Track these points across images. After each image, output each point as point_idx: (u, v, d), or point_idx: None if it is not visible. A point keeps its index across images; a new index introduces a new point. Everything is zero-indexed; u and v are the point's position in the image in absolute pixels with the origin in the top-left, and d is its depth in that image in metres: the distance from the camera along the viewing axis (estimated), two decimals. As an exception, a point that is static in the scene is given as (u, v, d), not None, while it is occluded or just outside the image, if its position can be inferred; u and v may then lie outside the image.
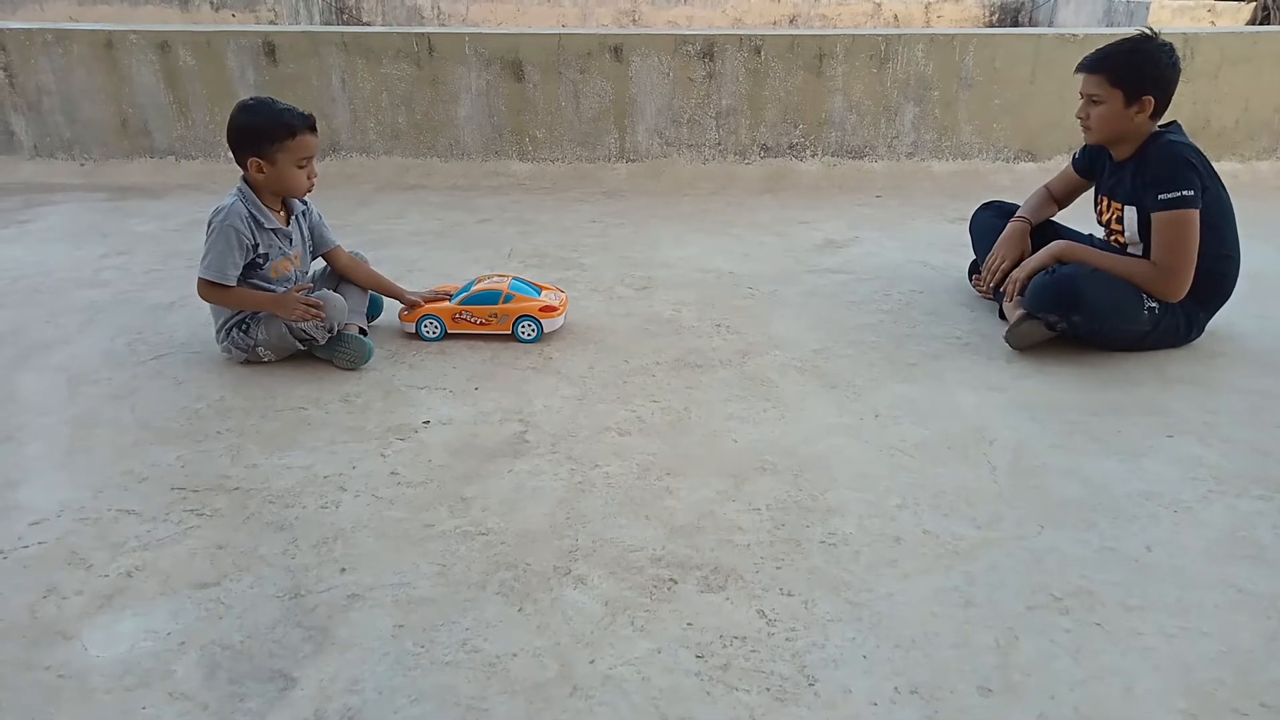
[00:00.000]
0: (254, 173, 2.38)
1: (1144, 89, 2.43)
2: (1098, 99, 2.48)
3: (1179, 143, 2.46)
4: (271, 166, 2.37)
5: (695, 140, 4.69)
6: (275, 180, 2.40)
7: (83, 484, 1.92)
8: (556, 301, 2.65)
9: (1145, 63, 2.44)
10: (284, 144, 2.35)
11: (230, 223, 2.35)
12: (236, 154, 2.39)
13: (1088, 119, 2.54)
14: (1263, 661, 1.43)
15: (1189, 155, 2.43)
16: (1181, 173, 2.41)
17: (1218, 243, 2.49)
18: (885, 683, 1.39)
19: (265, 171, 2.38)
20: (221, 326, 2.46)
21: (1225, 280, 2.56)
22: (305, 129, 2.37)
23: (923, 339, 2.66)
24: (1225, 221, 2.51)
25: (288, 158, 2.36)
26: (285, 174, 2.39)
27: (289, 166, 2.38)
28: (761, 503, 1.85)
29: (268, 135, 2.34)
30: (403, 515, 1.81)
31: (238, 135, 2.37)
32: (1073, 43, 4.49)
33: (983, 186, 4.40)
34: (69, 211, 4.11)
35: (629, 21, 9.92)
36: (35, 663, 1.44)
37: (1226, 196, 2.51)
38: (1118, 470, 1.97)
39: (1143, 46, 2.46)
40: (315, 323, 2.39)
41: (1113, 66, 2.46)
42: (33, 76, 4.61)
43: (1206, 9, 7.96)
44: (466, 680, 1.40)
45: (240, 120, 2.37)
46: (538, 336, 2.62)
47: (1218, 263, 2.51)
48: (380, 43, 4.57)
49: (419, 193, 4.45)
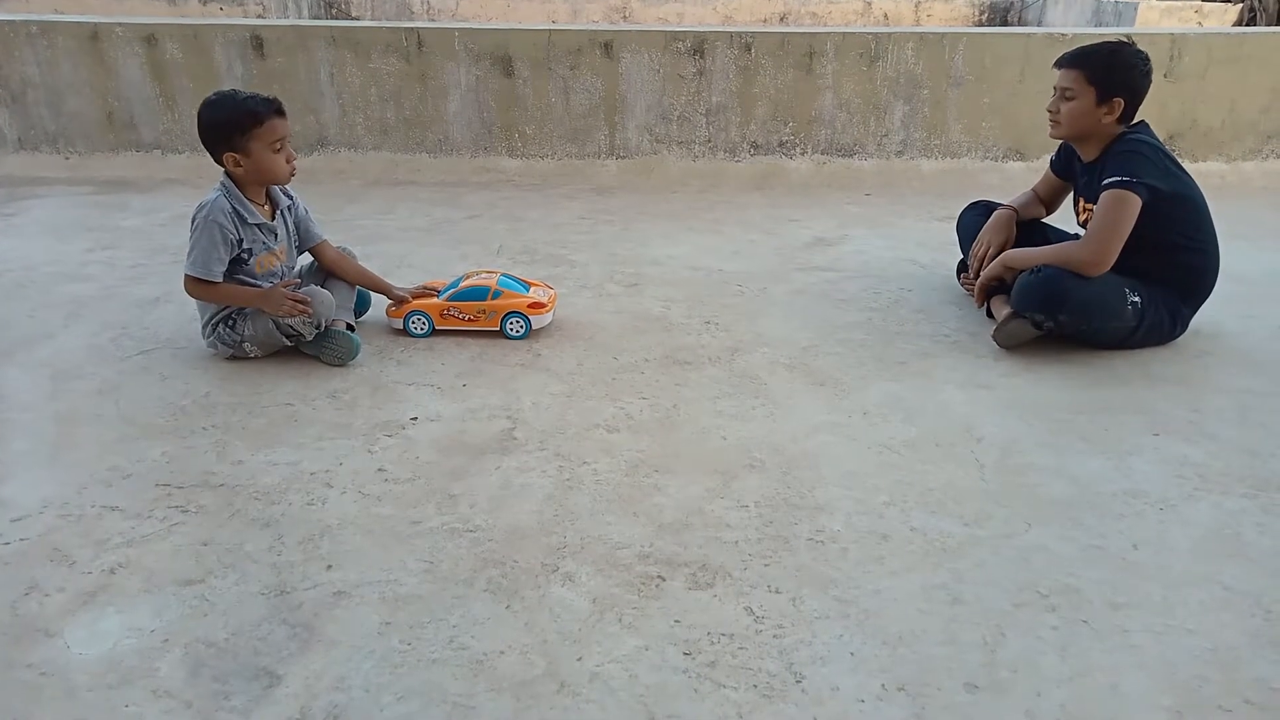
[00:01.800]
0: (232, 167, 2.37)
1: (1116, 91, 2.48)
2: (1071, 94, 2.53)
3: (1136, 139, 2.51)
4: (247, 158, 2.35)
5: (685, 137, 4.69)
6: (255, 170, 2.38)
7: (66, 480, 1.91)
8: (545, 298, 2.64)
9: (1122, 66, 2.50)
10: (252, 132, 2.33)
11: (213, 218, 2.34)
12: (212, 152, 2.38)
13: (1057, 112, 2.59)
14: (1247, 659, 1.44)
15: (1142, 149, 2.48)
16: (1130, 161, 2.46)
17: (1186, 235, 2.53)
18: (872, 680, 1.39)
19: (243, 164, 2.36)
20: (208, 322, 2.45)
21: (1202, 274, 2.59)
22: (271, 113, 2.35)
23: (911, 337, 2.67)
24: (1193, 215, 2.54)
25: (260, 145, 2.35)
26: (262, 162, 2.37)
27: (264, 153, 2.36)
28: (750, 500, 1.85)
29: (236, 126, 2.33)
30: (390, 512, 1.81)
31: (208, 132, 2.36)
32: (1061, 42, 4.50)
33: (972, 185, 4.41)
34: (53, 205, 4.07)
35: (619, 18, 9.91)
36: (17, 661, 1.42)
37: (1198, 193, 2.55)
38: (1104, 469, 1.98)
39: (1121, 50, 2.52)
40: (302, 319, 2.37)
41: (1092, 65, 2.50)
42: (17, 69, 4.56)
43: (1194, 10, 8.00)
44: (453, 677, 1.39)
45: (207, 117, 2.35)
46: (526, 333, 2.61)
47: (1190, 255, 2.55)
48: (369, 37, 4.55)
49: (408, 189, 4.43)
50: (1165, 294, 2.53)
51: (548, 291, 2.71)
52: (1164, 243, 2.49)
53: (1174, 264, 2.53)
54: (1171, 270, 2.53)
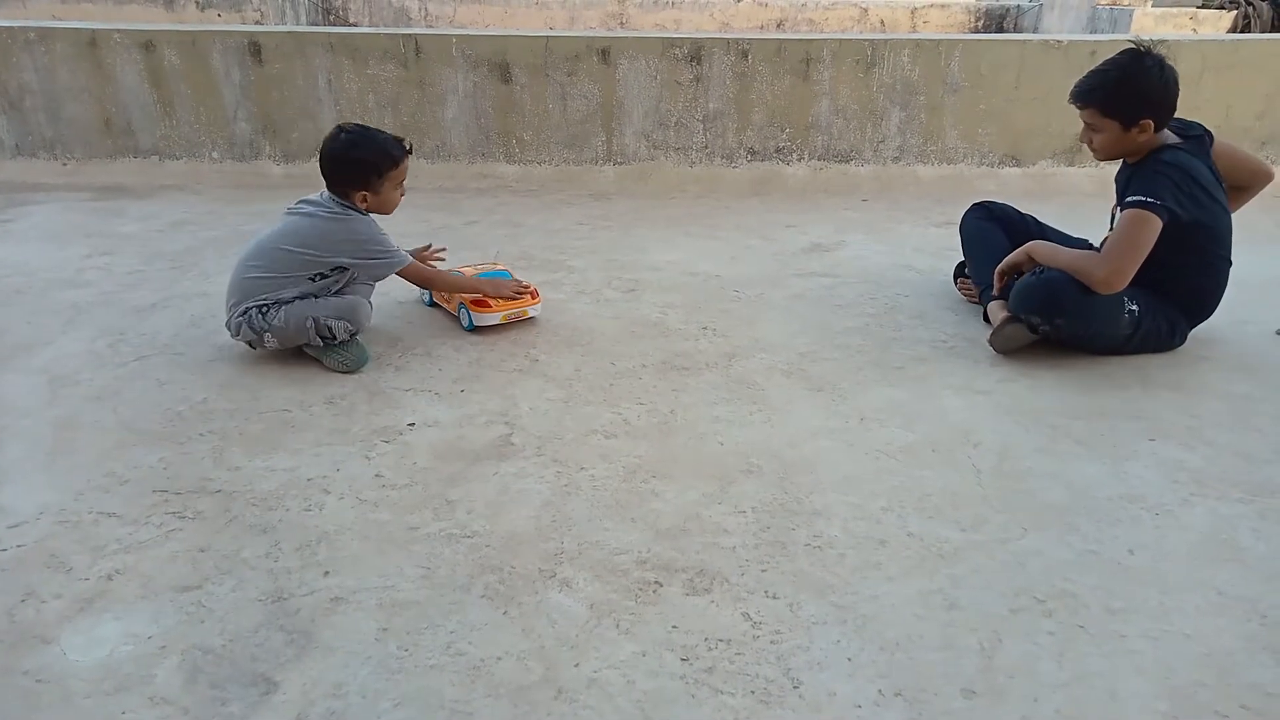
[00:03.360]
0: (359, 203, 2.48)
1: (1140, 113, 2.40)
2: (1095, 128, 2.47)
3: (1167, 161, 2.43)
4: (376, 195, 2.48)
5: (682, 143, 4.70)
6: (377, 206, 2.51)
7: (63, 486, 1.91)
8: (495, 301, 2.65)
9: (1134, 88, 2.40)
10: (390, 173, 2.47)
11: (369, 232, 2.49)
12: (340, 185, 2.47)
13: (1091, 143, 2.53)
14: (1243, 664, 1.44)
15: (1169, 173, 2.41)
16: (1154, 182, 2.41)
17: (1195, 260, 2.50)
18: (870, 685, 1.39)
19: (369, 200, 2.48)
20: (240, 303, 2.44)
21: (1206, 294, 2.58)
22: (404, 155, 2.50)
23: (908, 342, 2.67)
24: (1207, 243, 2.49)
25: (391, 185, 2.49)
26: (388, 200, 2.53)
27: (391, 192, 2.51)
28: (747, 505, 1.85)
29: (374, 168, 2.44)
30: (387, 518, 1.81)
31: (347, 169, 2.45)
32: (1057, 49, 4.52)
33: (968, 191, 4.42)
34: (51, 211, 4.07)
35: (617, 24, 9.93)
36: (13, 667, 1.42)
37: (1220, 220, 2.49)
38: (1101, 474, 1.98)
39: (1130, 70, 2.40)
40: (345, 325, 2.43)
41: (1103, 99, 2.43)
42: (15, 75, 4.57)
43: (1188, 16, 8.03)
44: (451, 684, 1.39)
45: (346, 155, 2.44)
46: (469, 326, 2.67)
47: (1199, 278, 2.53)
48: (367, 44, 4.56)
49: (406, 194, 4.42)
50: (1164, 306, 2.52)
51: (519, 297, 2.71)
52: (1172, 263, 2.47)
53: (1179, 283, 2.51)
54: (1175, 287, 2.51)
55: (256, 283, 2.43)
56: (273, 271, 2.43)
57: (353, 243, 2.47)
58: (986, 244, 2.86)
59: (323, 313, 2.41)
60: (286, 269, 2.43)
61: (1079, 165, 4.69)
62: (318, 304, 2.44)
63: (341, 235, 2.45)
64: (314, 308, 2.42)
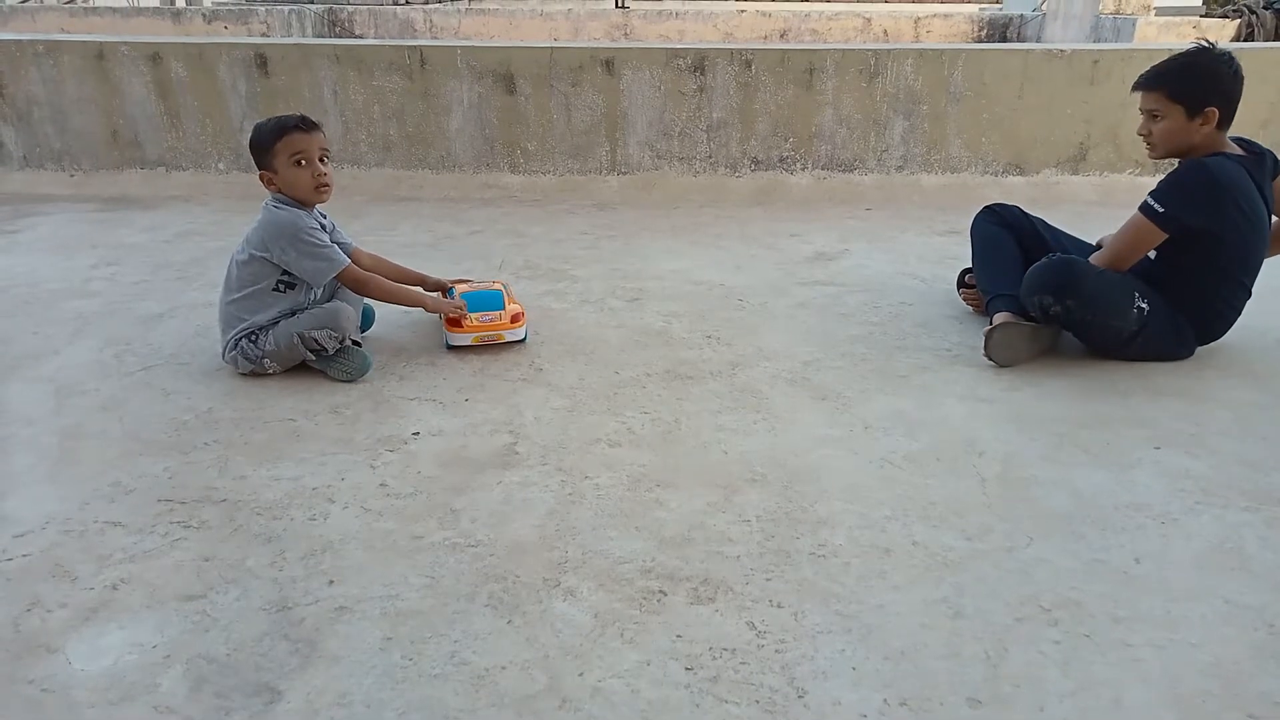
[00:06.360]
0: (267, 185, 2.45)
1: (1207, 100, 2.38)
2: (1159, 114, 2.43)
3: (1202, 164, 2.39)
4: (275, 175, 2.43)
5: (686, 153, 4.71)
6: (285, 186, 2.44)
7: (69, 496, 1.91)
8: (465, 322, 2.60)
9: (1205, 74, 2.40)
10: (273, 147, 2.39)
11: (293, 220, 2.41)
12: (262, 180, 2.46)
13: (1150, 135, 2.48)
14: (1250, 673, 1.43)
15: (1194, 178, 2.38)
16: (1172, 185, 2.40)
17: (1205, 266, 2.47)
18: (875, 694, 1.39)
19: (275, 181, 2.44)
20: (231, 337, 2.46)
21: (1218, 316, 2.57)
22: (293, 128, 2.40)
23: (912, 351, 2.67)
24: (1219, 252, 2.45)
25: (283, 160, 2.40)
26: (285, 176, 2.42)
27: (286, 168, 2.40)
28: (751, 514, 1.85)
29: (262, 145, 2.41)
30: (392, 527, 1.81)
31: (253, 158, 2.44)
32: (1060, 58, 4.53)
33: (972, 200, 4.38)
34: (58, 222, 4.10)
35: (620, 35, 9.97)
36: (18, 676, 1.42)
37: (1244, 236, 2.43)
38: (1106, 482, 1.98)
39: (1199, 58, 2.42)
40: (328, 333, 2.41)
41: (1172, 80, 2.41)
42: (23, 87, 4.60)
43: (1192, 25, 8.04)
44: (455, 693, 1.39)
45: (249, 141, 2.45)
46: (446, 343, 2.65)
47: (1210, 284, 2.50)
48: (372, 55, 4.58)
49: (411, 205, 4.45)
50: (1174, 314, 2.51)
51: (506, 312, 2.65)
52: (1181, 264, 2.47)
53: (1189, 285, 2.49)
54: (1185, 290, 2.49)
55: (230, 309, 2.46)
56: (238, 290, 2.45)
57: (277, 230, 2.40)
58: (997, 253, 2.81)
59: (305, 326, 2.40)
60: (241, 285, 2.44)
61: (1082, 174, 4.69)
62: (298, 319, 2.43)
63: (269, 225, 2.42)
64: (296, 324, 2.42)
